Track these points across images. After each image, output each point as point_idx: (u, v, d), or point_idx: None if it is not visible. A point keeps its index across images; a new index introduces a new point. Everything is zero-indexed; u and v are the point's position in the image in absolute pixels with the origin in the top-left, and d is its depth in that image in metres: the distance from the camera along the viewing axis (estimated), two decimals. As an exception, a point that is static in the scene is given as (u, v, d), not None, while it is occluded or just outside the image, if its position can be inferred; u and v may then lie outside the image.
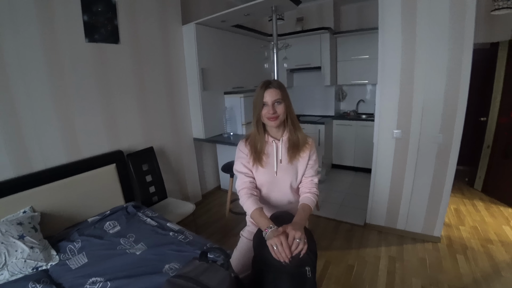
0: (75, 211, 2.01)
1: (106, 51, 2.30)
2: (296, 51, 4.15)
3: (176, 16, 2.91)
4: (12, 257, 1.45)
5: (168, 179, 2.92)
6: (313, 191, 1.37)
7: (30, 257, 1.50)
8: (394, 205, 2.50)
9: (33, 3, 1.85)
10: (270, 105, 1.27)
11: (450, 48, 2.03)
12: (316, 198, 1.36)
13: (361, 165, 4.11)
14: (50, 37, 1.95)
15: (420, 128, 2.26)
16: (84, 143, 2.20)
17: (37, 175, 1.91)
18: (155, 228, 1.89)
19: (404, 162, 2.38)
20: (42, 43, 1.91)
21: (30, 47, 1.86)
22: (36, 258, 1.51)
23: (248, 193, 1.30)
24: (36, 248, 1.54)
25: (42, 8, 1.89)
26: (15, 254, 1.46)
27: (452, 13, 1.97)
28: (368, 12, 4.03)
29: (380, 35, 2.28)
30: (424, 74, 2.16)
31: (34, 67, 1.88)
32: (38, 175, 1.91)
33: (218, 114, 3.34)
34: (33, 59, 1.88)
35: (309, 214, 1.29)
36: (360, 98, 4.39)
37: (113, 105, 2.39)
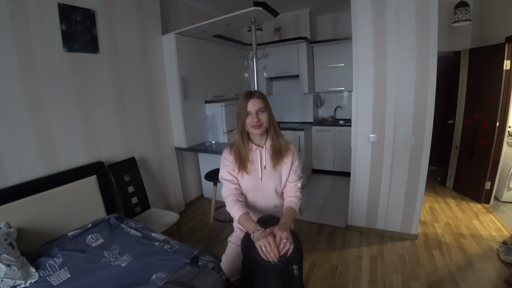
0: (55, 225, 1.93)
1: (85, 61, 2.27)
2: (274, 60, 4.28)
3: (156, 26, 2.92)
4: (-13, 276, 1.37)
5: (150, 189, 2.88)
6: (297, 195, 1.43)
7: (7, 276, 1.42)
8: (373, 206, 2.61)
9: (7, 12, 1.80)
10: (254, 114, 1.33)
11: (417, 57, 2.20)
12: (300, 201, 1.43)
13: (340, 169, 4.24)
14: (25, 46, 1.90)
15: (393, 132, 2.40)
16: (62, 155, 2.14)
17: (12, 189, 1.83)
18: (140, 239, 1.86)
19: (380, 165, 2.51)
20: (16, 52, 1.85)
21: (4, 56, 1.80)
22: (13, 276, 1.44)
23: (234, 199, 1.34)
24: (14, 266, 1.46)
25: (16, 17, 1.85)
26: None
27: (418, 25, 2.15)
28: (342, 23, 4.26)
29: (353, 44, 2.41)
30: (395, 81, 2.31)
31: (8, 76, 1.82)
32: (14, 189, 1.83)
33: (200, 122, 3.35)
34: (7, 68, 1.82)
35: (294, 216, 1.35)
36: (337, 104, 4.57)
37: (93, 115, 2.35)
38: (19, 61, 1.87)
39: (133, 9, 2.66)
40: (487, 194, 3.15)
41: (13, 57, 1.84)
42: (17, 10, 1.85)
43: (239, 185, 1.42)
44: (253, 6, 2.27)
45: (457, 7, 2.91)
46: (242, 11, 2.33)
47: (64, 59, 2.13)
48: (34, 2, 1.92)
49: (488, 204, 3.15)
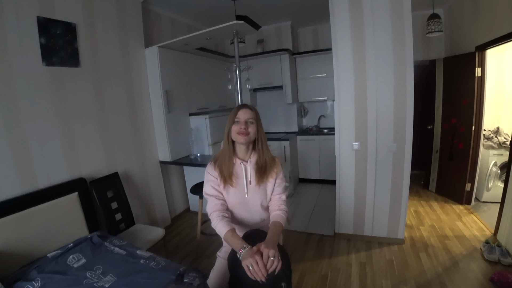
0: (34, 246, 1.82)
1: (65, 75, 2.22)
2: (258, 71, 4.34)
3: (138, 39, 2.91)
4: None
5: (135, 205, 2.80)
6: (282, 208, 1.41)
7: None
8: (360, 213, 2.64)
9: None
10: (242, 122, 1.32)
11: (395, 66, 2.29)
12: (286, 214, 1.41)
13: (326, 177, 4.29)
14: (0, 59, 1.84)
15: (376, 139, 2.46)
16: (41, 172, 2.05)
17: None
18: (125, 257, 1.78)
19: (364, 172, 2.55)
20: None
21: None
22: None
23: (219, 216, 1.30)
24: None
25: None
26: (-38, 302, 1.30)
27: (394, 36, 2.25)
28: (322, 34, 4.41)
29: (334, 56, 2.49)
30: (375, 90, 2.39)
31: None
32: None
33: (184, 135, 3.32)
34: None
35: (280, 230, 1.32)
36: (321, 113, 4.66)
37: (73, 131, 2.28)
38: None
39: (115, 23, 2.65)
40: (468, 196, 3.26)
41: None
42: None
43: (224, 200, 1.40)
44: (235, 20, 2.32)
45: (429, 19, 3.08)
46: (224, 24, 2.37)
47: (43, 73, 2.07)
48: (11, 15, 1.88)
49: (470, 205, 3.25)
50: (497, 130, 3.32)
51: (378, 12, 2.26)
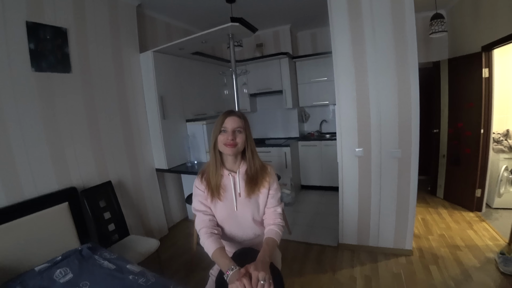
0: (20, 259, 1.73)
1: (55, 81, 2.15)
2: (257, 76, 4.27)
3: (133, 44, 2.85)
4: None
5: (129, 215, 2.70)
6: (277, 221, 1.30)
7: None
8: (364, 222, 2.50)
9: None
10: (230, 131, 1.22)
11: (398, 69, 2.18)
12: (282, 229, 1.30)
13: (328, 184, 4.15)
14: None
15: (380, 145, 2.34)
16: (27, 182, 1.96)
17: None
18: (113, 272, 1.68)
19: (369, 179, 2.43)
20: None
21: None
22: None
23: (208, 232, 1.21)
24: None
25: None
26: None
27: (396, 38, 2.14)
28: (322, 38, 4.32)
29: (334, 59, 2.39)
30: (377, 94, 2.28)
31: None
32: None
33: (181, 142, 3.23)
34: None
35: (274, 248, 1.21)
36: (323, 118, 4.55)
37: (63, 138, 2.20)
38: None
39: (108, 27, 2.59)
40: (479, 202, 3.11)
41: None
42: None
43: (213, 215, 1.29)
44: (230, 22, 2.24)
45: (433, 19, 2.98)
46: (219, 27, 2.29)
47: (31, 79, 2.00)
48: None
49: (480, 212, 3.10)
50: (506, 132, 3.18)
51: (378, 13, 2.17)
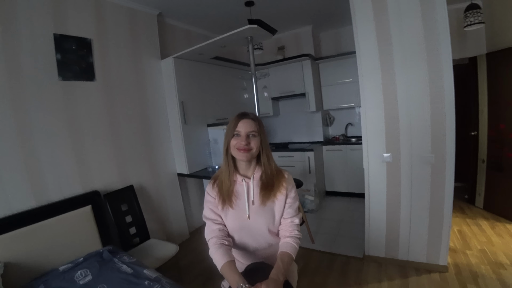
0: (46, 259, 1.82)
1: (79, 89, 2.24)
2: (279, 79, 4.20)
3: (154, 51, 2.91)
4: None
5: (150, 219, 2.73)
6: (294, 234, 1.20)
7: None
8: (393, 233, 2.32)
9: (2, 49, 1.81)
10: (243, 136, 1.14)
11: (429, 67, 2.00)
12: (298, 242, 1.20)
13: (355, 190, 3.95)
14: (16, 76, 1.88)
15: (410, 150, 2.16)
16: (54, 185, 2.06)
17: (2, 221, 1.76)
18: (129, 277, 1.69)
19: (398, 186, 2.25)
20: (8, 84, 1.84)
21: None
22: None
23: (217, 243, 1.14)
24: None
25: (8, 45, 1.85)
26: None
27: (426, 33, 1.97)
28: (346, 37, 4.14)
29: (358, 59, 2.26)
30: (407, 94, 2.11)
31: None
32: (2, 221, 1.76)
33: (202, 147, 3.23)
34: None
35: (290, 264, 1.12)
36: (348, 121, 4.35)
37: (86, 144, 2.28)
38: (10, 89, 1.85)
39: (129, 36, 2.66)
40: (526, 214, 2.78)
41: (4, 88, 1.83)
42: (8, 40, 1.85)
43: (224, 224, 1.22)
44: (248, 25, 2.20)
45: (467, 10, 2.72)
46: (237, 30, 2.26)
47: (58, 88, 2.10)
48: (27, 32, 1.93)
49: (528, 225, 2.76)
50: (560, 136, 2.82)
51: (405, 7, 2.00)
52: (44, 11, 2.02)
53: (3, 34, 1.82)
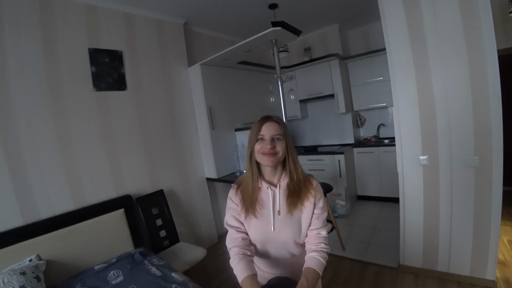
0: (82, 258, 1.96)
1: (112, 98, 2.38)
2: (306, 81, 4.13)
3: (181, 59, 3.00)
4: (11, 309, 1.41)
5: (180, 222, 2.81)
6: (321, 247, 1.11)
7: None
8: (431, 242, 2.14)
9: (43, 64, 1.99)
10: (268, 139, 1.09)
11: (470, 60, 1.82)
12: (326, 256, 1.10)
13: (389, 194, 3.72)
14: (57, 89, 2.06)
15: (450, 152, 1.98)
16: (90, 189, 2.20)
17: (44, 222, 1.92)
18: (158, 280, 1.75)
19: (436, 192, 2.07)
20: (50, 96, 2.01)
21: (39, 99, 1.97)
22: None
23: (239, 254, 1.09)
24: None
25: (49, 62, 2.03)
26: (15, 307, 1.43)
27: (465, 22, 1.80)
28: (375, 34, 3.96)
29: (388, 56, 2.13)
30: (444, 92, 1.94)
31: (41, 119, 1.98)
32: (46, 222, 1.93)
33: (230, 152, 3.26)
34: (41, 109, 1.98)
35: (316, 281, 1.02)
36: (381, 122, 4.13)
37: (119, 150, 2.40)
38: (51, 102, 2.03)
39: (157, 46, 2.78)
40: None
41: (47, 100, 2.01)
42: (49, 58, 2.03)
43: (247, 233, 1.16)
44: (271, 27, 2.18)
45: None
46: (260, 34, 2.25)
47: (93, 98, 2.25)
48: (66, 49, 2.10)
49: None
50: None
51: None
52: (79, 29, 2.19)
53: (45, 52, 2.00)
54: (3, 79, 1.82)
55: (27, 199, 1.88)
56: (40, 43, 1.98)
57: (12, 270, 1.58)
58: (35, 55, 1.95)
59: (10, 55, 1.85)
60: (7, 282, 1.50)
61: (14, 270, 1.59)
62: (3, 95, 1.81)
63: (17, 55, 1.87)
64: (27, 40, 1.92)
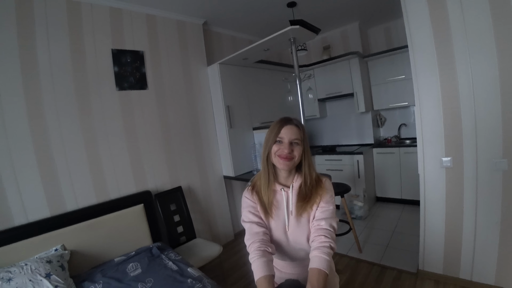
0: (103, 250, 2.05)
1: (134, 97, 2.46)
2: (325, 79, 4.07)
3: (201, 58, 3.05)
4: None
5: (197, 219, 2.86)
6: (320, 241, 1.05)
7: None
8: (453, 248, 2.05)
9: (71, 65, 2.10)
10: (287, 143, 1.08)
11: (500, 55, 1.72)
12: (328, 251, 1.04)
13: (409, 197, 3.60)
14: (83, 88, 2.17)
15: (475, 154, 1.89)
16: (112, 185, 2.29)
17: (70, 214, 2.03)
18: (174, 274, 1.80)
19: (460, 195, 1.98)
20: (76, 94, 2.13)
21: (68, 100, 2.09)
22: None
23: (260, 250, 1.05)
24: (60, 287, 1.59)
25: (77, 66, 2.14)
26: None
27: (495, 16, 1.70)
28: (397, 31, 3.82)
29: (410, 54, 2.06)
30: (470, 90, 1.85)
31: (69, 117, 2.09)
32: (71, 214, 2.04)
33: (247, 151, 3.28)
34: (69, 110, 2.10)
35: (323, 280, 0.98)
36: (402, 122, 3.99)
37: (140, 147, 2.49)
38: (78, 102, 2.14)
39: (177, 46, 2.84)
40: None
41: (74, 99, 2.12)
42: (77, 61, 2.14)
43: (267, 228, 1.15)
44: (289, 26, 2.16)
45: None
46: (278, 32, 2.25)
47: (116, 97, 2.34)
48: (91, 50, 2.21)
49: None
50: None
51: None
52: (104, 30, 2.29)
53: (72, 52, 2.11)
54: (35, 77, 1.94)
55: (54, 192, 2.00)
56: (68, 45, 2.09)
57: (39, 259, 1.69)
58: (63, 55, 2.06)
59: (41, 56, 1.96)
60: (34, 270, 1.60)
61: (41, 258, 1.69)
62: (35, 92, 1.94)
63: (47, 56, 1.99)
64: (56, 41, 2.03)
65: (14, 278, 1.54)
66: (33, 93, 1.93)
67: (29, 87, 1.91)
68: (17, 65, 1.86)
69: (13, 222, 1.82)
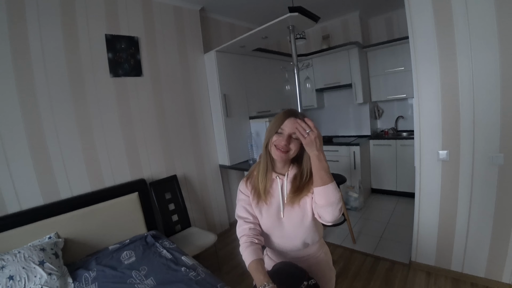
0: (98, 238, 2.05)
1: (129, 84, 2.40)
2: (324, 69, 4.02)
3: (197, 46, 2.98)
4: (31, 282, 1.53)
5: (192, 208, 2.87)
6: None
7: (47, 284, 1.55)
8: (446, 240, 2.08)
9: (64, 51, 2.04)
10: (286, 136, 1.07)
11: (501, 47, 1.69)
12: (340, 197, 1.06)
13: (404, 189, 3.63)
14: (76, 74, 2.11)
15: (472, 148, 1.88)
16: (107, 173, 2.27)
17: (64, 202, 2.02)
18: (168, 262, 1.82)
19: (455, 189, 1.99)
20: (69, 80, 2.08)
21: (62, 86, 2.04)
22: (52, 285, 1.56)
23: (247, 241, 1.11)
24: (54, 275, 1.60)
25: (70, 51, 2.07)
26: (34, 280, 1.54)
27: (499, 8, 1.66)
28: (399, 22, 3.75)
29: (411, 45, 2.02)
30: (470, 83, 1.83)
31: (62, 104, 2.04)
32: (65, 202, 2.02)
33: (243, 140, 3.26)
34: (63, 97, 2.05)
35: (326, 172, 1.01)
36: (399, 114, 3.98)
37: (135, 135, 2.45)
38: (72, 88, 2.09)
39: (174, 32, 2.77)
40: None
41: (67, 85, 2.07)
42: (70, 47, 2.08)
43: (256, 223, 1.18)
44: (288, 13, 2.10)
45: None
46: (277, 19, 2.19)
47: (110, 84, 2.28)
48: (84, 35, 2.14)
49: None
50: None
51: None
52: (98, 14, 2.21)
53: (65, 38, 2.04)
54: (28, 64, 1.88)
55: (48, 180, 1.97)
56: (60, 30, 2.01)
57: (32, 246, 1.68)
58: (56, 41, 1.99)
59: (32, 41, 1.89)
60: (27, 257, 1.59)
61: (35, 246, 1.68)
62: (27, 80, 1.88)
63: (39, 41, 1.92)
64: (48, 26, 1.96)
65: (7, 265, 1.53)
66: (25, 79, 1.87)
67: (21, 73, 1.85)
68: (7, 50, 1.80)
69: (6, 210, 1.80)
